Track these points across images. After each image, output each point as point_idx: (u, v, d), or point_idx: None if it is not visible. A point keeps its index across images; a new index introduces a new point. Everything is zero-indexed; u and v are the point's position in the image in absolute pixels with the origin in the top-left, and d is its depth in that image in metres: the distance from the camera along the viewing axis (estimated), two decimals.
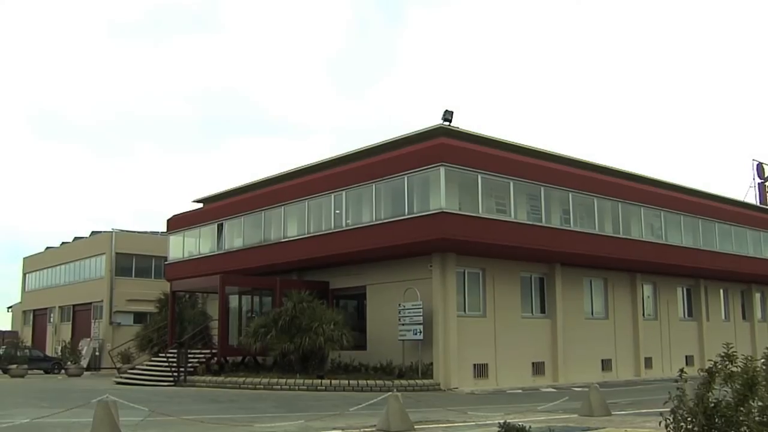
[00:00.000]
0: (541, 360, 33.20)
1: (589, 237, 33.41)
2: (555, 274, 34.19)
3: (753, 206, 48.24)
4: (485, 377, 30.55)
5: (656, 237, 37.82)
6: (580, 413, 17.59)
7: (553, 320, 33.92)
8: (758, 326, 47.81)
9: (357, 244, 30.78)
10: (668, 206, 38.44)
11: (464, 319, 30.19)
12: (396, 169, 29.76)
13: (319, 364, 29.92)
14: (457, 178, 29.00)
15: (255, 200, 37.31)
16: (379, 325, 31.66)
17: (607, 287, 37.83)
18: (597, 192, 34.14)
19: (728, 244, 42.58)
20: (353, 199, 32.05)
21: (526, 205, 31.72)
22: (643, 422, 15.58)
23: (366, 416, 16.85)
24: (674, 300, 42.37)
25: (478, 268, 31.30)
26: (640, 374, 37.92)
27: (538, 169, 31.65)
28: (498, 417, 15.02)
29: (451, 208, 28.34)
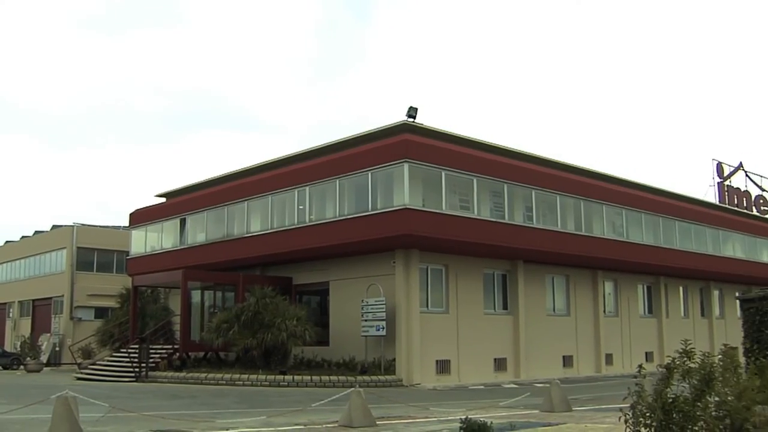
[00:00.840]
0: (503, 356, 33.37)
1: (551, 234, 33.62)
2: (517, 270, 34.38)
3: (712, 205, 48.76)
4: (447, 373, 30.66)
5: (618, 235, 38.16)
6: (542, 409, 17.70)
7: (515, 317, 34.11)
8: (716, 323, 48.42)
9: (320, 240, 30.75)
10: (630, 204, 38.80)
11: (427, 315, 30.27)
12: (360, 165, 29.76)
13: (282, 359, 29.87)
14: (420, 175, 29.04)
15: (218, 195, 37.12)
16: (342, 320, 31.67)
17: (568, 284, 38.12)
18: (560, 190, 34.37)
19: (688, 242, 43.07)
20: (317, 194, 32.00)
21: (489, 202, 31.84)
22: (603, 418, 15.70)
23: (328, 412, 16.86)
24: (635, 297, 42.79)
25: (441, 265, 31.39)
26: (600, 370, 38.26)
27: (501, 167, 31.80)
28: (460, 413, 15.06)
29: (415, 205, 28.39)
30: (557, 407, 17.42)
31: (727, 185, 51.80)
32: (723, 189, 51.24)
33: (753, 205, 54.02)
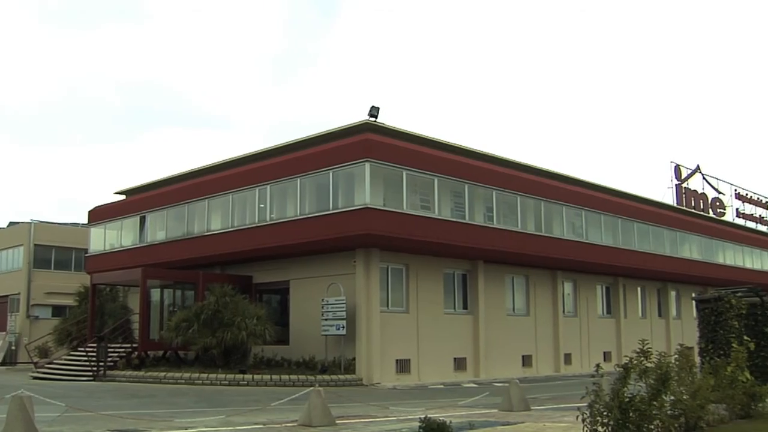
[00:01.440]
0: (462, 355, 33.50)
1: (511, 234, 33.81)
2: (478, 270, 34.53)
3: (670, 207, 49.30)
4: (407, 372, 30.71)
5: (577, 236, 38.48)
6: (501, 408, 17.78)
7: (475, 316, 34.26)
8: (673, 323, 49.06)
9: (281, 239, 30.67)
10: (589, 206, 39.14)
11: (387, 314, 30.30)
12: (321, 164, 29.73)
13: (242, 358, 29.76)
14: (382, 174, 29.07)
15: (178, 193, 36.88)
16: (303, 320, 31.61)
17: (528, 284, 38.35)
18: (520, 190, 34.57)
19: (646, 244, 43.55)
20: (278, 193, 31.92)
21: (450, 202, 31.95)
22: (561, 417, 15.83)
23: (288, 411, 16.83)
24: (593, 297, 43.16)
25: (401, 264, 31.45)
26: (559, 370, 38.56)
27: (462, 167, 31.92)
28: (419, 412, 15.09)
29: (376, 204, 28.41)
30: (516, 406, 17.52)
31: (684, 187, 52.41)
32: (681, 191, 51.84)
33: (710, 207, 54.75)
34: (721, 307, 16.91)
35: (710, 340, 16.89)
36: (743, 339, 16.63)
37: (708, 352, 16.66)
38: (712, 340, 16.83)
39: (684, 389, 12.43)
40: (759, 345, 17.51)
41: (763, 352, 17.74)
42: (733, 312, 16.98)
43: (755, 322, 18.09)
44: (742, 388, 14.38)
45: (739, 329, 17.01)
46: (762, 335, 17.92)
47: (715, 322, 16.94)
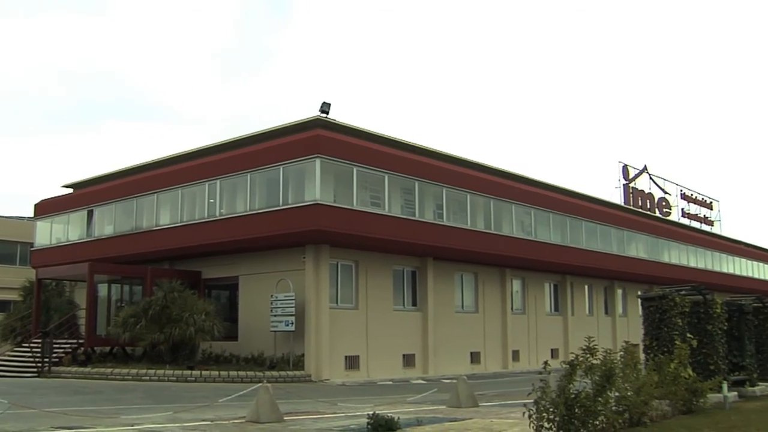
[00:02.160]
0: (411, 352, 33.61)
1: (461, 232, 33.98)
2: (427, 267, 34.67)
3: (618, 206, 49.94)
4: (356, 369, 30.74)
5: (526, 234, 38.79)
6: (449, 404, 17.86)
7: (424, 313, 34.39)
8: (619, 321, 49.68)
9: (230, 234, 30.52)
10: (538, 204, 39.47)
11: (336, 311, 30.30)
12: (272, 159, 29.62)
13: (190, 354, 29.55)
14: (332, 170, 29.06)
15: (127, 187, 36.47)
16: (252, 315, 31.49)
17: (477, 281, 38.58)
18: (470, 188, 34.76)
19: (594, 242, 44.04)
20: (228, 188, 31.76)
21: (400, 199, 32.04)
22: (508, 413, 15.94)
23: (236, 407, 16.75)
24: (542, 295, 43.56)
25: (351, 261, 31.46)
26: (507, 366, 38.85)
27: (413, 164, 32.01)
28: (368, 408, 15.15)
29: (326, 200, 28.40)
30: (464, 403, 17.61)
31: (632, 187, 53.16)
32: (628, 191, 52.55)
33: (656, 207, 55.58)
34: (665, 305, 17.17)
35: (654, 338, 17.13)
36: (686, 336, 16.93)
37: (652, 349, 16.89)
38: (657, 338, 17.07)
39: (628, 385, 12.63)
40: (701, 342, 17.85)
41: (705, 349, 18.08)
42: (677, 310, 17.26)
43: (698, 320, 18.42)
44: (684, 385, 14.65)
45: (683, 327, 17.29)
46: (704, 333, 18.25)
47: (659, 319, 17.18)
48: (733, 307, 20.63)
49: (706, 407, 15.25)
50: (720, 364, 18.31)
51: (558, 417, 10.46)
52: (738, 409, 15.97)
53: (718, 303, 19.09)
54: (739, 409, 15.81)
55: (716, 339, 18.54)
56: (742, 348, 20.47)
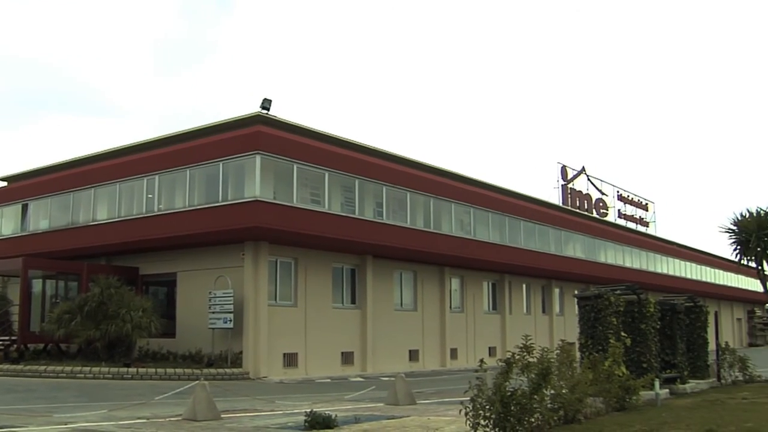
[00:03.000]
0: (350, 350, 33.65)
1: (400, 230, 34.11)
2: (366, 265, 34.74)
3: (556, 206, 50.51)
4: (295, 366, 30.68)
5: (465, 233, 39.06)
6: (387, 402, 17.89)
7: (363, 311, 34.46)
8: (556, 319, 50.31)
9: (169, 230, 30.23)
10: (478, 203, 39.77)
11: (275, 308, 30.22)
12: (212, 155, 29.43)
13: (126, 351, 29.18)
14: (272, 167, 28.97)
15: (64, 181, 35.88)
16: (190, 312, 31.24)
17: (416, 280, 38.75)
18: (410, 187, 34.91)
19: (532, 242, 44.51)
20: (167, 183, 31.46)
21: (340, 197, 32.06)
22: (445, 411, 16.02)
23: (173, 405, 16.61)
24: (480, 293, 43.88)
25: (290, 258, 31.39)
26: (445, 364, 39.08)
27: (353, 162, 32.05)
28: (306, 406, 15.12)
29: (266, 197, 28.30)
30: (402, 400, 17.66)
31: (570, 188, 53.78)
32: (566, 191, 53.15)
33: (593, 208, 56.34)
34: (600, 305, 17.43)
35: (590, 336, 17.38)
36: (620, 335, 17.20)
37: (587, 348, 17.13)
38: (592, 336, 17.32)
39: (564, 383, 12.79)
40: (635, 341, 18.17)
41: (639, 347, 18.41)
42: (612, 309, 17.52)
43: (632, 319, 18.74)
44: (618, 382, 14.88)
45: (617, 326, 17.56)
46: (638, 331, 18.58)
47: (594, 318, 17.44)
48: (666, 306, 21.03)
49: (638, 404, 15.51)
50: (653, 362, 18.65)
51: (494, 414, 10.55)
52: (669, 405, 16.26)
53: (652, 302, 19.44)
54: (670, 406, 16.10)
55: (649, 338, 18.89)
56: (674, 346, 20.88)
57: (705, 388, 21.46)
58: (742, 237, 23.25)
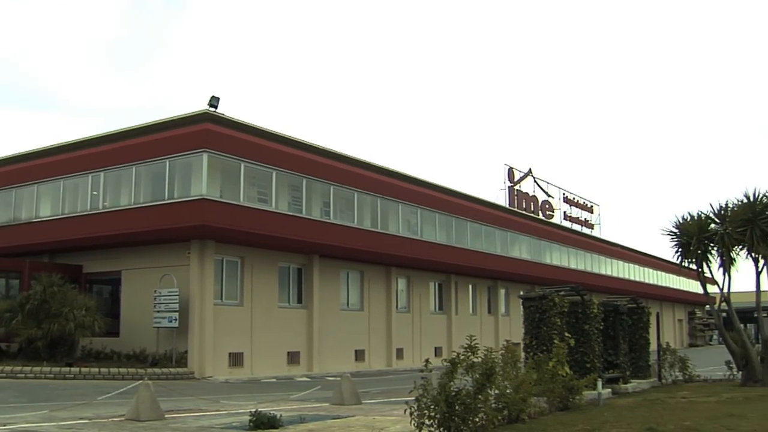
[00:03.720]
0: (296, 349, 33.58)
1: (347, 230, 34.13)
2: (313, 265, 34.68)
3: (503, 208, 50.79)
4: (240, 366, 30.53)
5: (412, 233, 39.18)
6: (332, 402, 17.91)
7: (309, 310, 34.39)
8: (502, 320, 50.67)
9: (114, 228, 29.87)
10: (425, 204, 39.92)
11: (221, 307, 30.05)
12: (158, 152, 29.17)
13: (69, 351, 28.77)
14: (220, 166, 28.81)
15: (5, 177, 35.19)
16: (134, 311, 30.90)
17: (363, 280, 38.78)
18: (358, 186, 34.94)
19: (478, 243, 44.81)
20: (112, 180, 31.09)
21: (288, 196, 31.98)
22: (391, 410, 16.07)
23: (116, 405, 16.40)
24: (426, 294, 44.04)
25: (236, 257, 31.24)
26: (391, 364, 39.16)
27: (301, 161, 31.98)
28: (251, 406, 15.06)
29: (212, 196, 28.13)
30: (347, 400, 17.68)
31: (517, 190, 54.11)
32: (513, 193, 53.48)
33: (539, 210, 56.79)
34: (545, 305, 17.62)
35: (534, 337, 17.57)
36: (564, 335, 17.42)
37: (532, 348, 17.32)
38: (536, 337, 17.51)
39: (508, 383, 12.91)
40: (579, 341, 18.42)
41: (582, 348, 18.67)
42: (556, 310, 17.73)
43: (576, 320, 19.00)
44: (561, 382, 15.06)
45: (561, 326, 17.78)
46: (582, 332, 18.84)
47: (539, 319, 17.63)
48: (609, 307, 21.35)
49: (581, 404, 15.72)
50: (596, 363, 18.93)
51: (439, 414, 10.61)
52: (611, 405, 16.51)
53: (595, 303, 19.73)
54: (612, 406, 16.35)
55: (593, 338, 19.16)
56: (616, 347, 21.21)
57: (646, 387, 21.84)
58: (684, 240, 23.63)
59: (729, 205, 23.17)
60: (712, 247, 23.30)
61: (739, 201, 22.95)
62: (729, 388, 21.23)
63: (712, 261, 23.74)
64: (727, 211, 23.06)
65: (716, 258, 23.56)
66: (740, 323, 24.33)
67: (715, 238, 22.89)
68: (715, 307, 26.16)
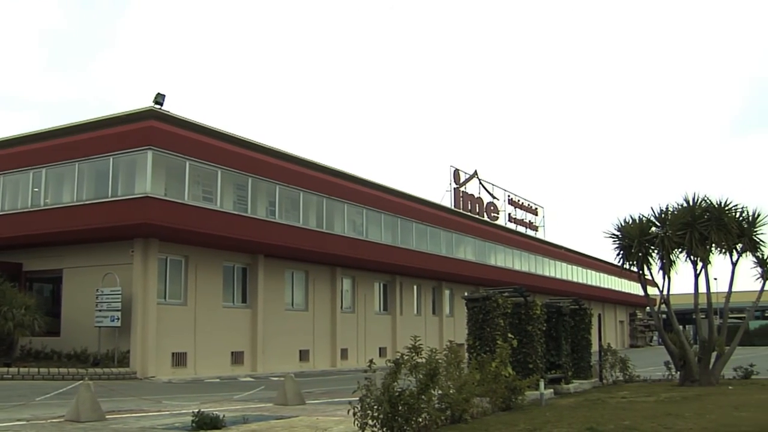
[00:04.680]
0: (240, 349, 33.42)
1: (292, 230, 34.07)
2: (258, 264, 34.55)
3: (448, 209, 51.05)
4: (184, 366, 30.31)
5: (357, 233, 39.25)
6: (276, 402, 17.83)
7: (254, 310, 34.26)
8: (446, 320, 50.94)
9: (55, 225, 29.45)
10: (370, 204, 40.01)
11: (164, 306, 29.80)
12: (102, 149, 28.84)
13: (7, 350, 28.27)
14: (164, 163, 28.59)
15: None
16: (76, 310, 30.45)
17: (308, 280, 38.73)
18: (303, 186, 34.90)
19: (423, 244, 45.01)
20: (54, 177, 30.66)
21: (233, 195, 31.85)
22: (334, 410, 16.06)
23: (55, 406, 16.14)
24: (371, 294, 44.11)
25: (181, 256, 31.01)
26: (336, 365, 39.15)
27: (247, 160, 31.85)
28: (194, 406, 14.94)
29: (157, 194, 27.91)
30: (291, 400, 17.62)
31: (462, 191, 54.39)
32: (458, 194, 53.74)
33: (485, 211, 57.17)
34: (488, 306, 17.74)
35: (478, 338, 17.67)
36: (507, 336, 17.55)
37: (475, 349, 17.42)
38: (480, 338, 17.61)
39: (452, 384, 12.97)
40: (522, 342, 18.57)
41: (525, 348, 18.83)
42: (500, 311, 17.86)
43: (519, 321, 19.16)
44: (504, 383, 15.17)
45: (504, 327, 17.92)
46: (525, 333, 19.00)
47: (482, 320, 17.74)
48: (552, 308, 21.56)
49: (524, 404, 15.85)
50: (538, 363, 19.10)
51: (382, 414, 10.62)
52: (553, 405, 16.67)
53: (538, 305, 19.91)
54: (554, 406, 16.52)
55: (536, 339, 19.33)
56: (559, 348, 21.44)
57: (588, 387, 22.09)
58: (625, 242, 23.95)
59: (669, 209, 23.55)
60: (653, 250, 23.65)
61: (679, 205, 23.37)
62: (667, 388, 21.59)
63: (652, 263, 24.11)
64: (668, 214, 23.43)
65: (656, 260, 23.92)
66: (679, 324, 24.73)
67: (656, 241, 23.24)
68: (655, 309, 26.56)
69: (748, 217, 23.05)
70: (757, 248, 23.35)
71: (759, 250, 23.43)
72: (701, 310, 23.81)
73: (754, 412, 13.94)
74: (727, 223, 22.44)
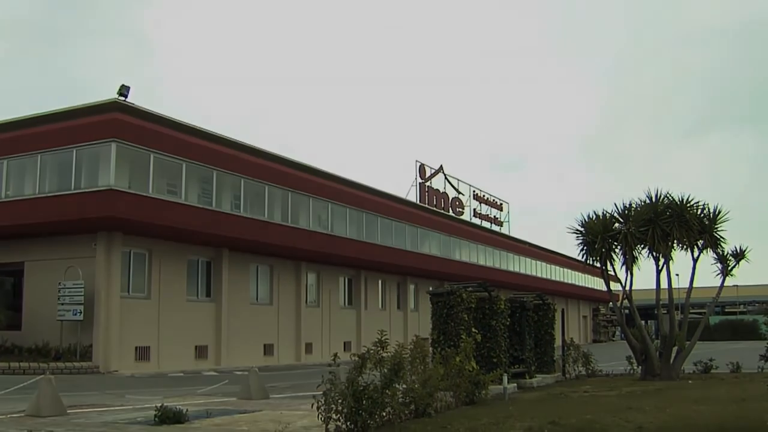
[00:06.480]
0: (204, 343, 33.33)
1: (257, 223, 34.01)
2: (222, 258, 34.45)
3: (413, 204, 51.12)
4: (147, 360, 30.16)
5: (323, 228, 39.22)
6: (239, 396, 17.78)
7: (218, 304, 34.16)
8: (411, 315, 51.07)
9: (16, 218, 29.17)
10: (336, 198, 40.02)
11: (128, 300, 29.62)
12: (65, 141, 28.59)
13: None
14: (129, 156, 28.41)
15: None
16: (38, 304, 30.14)
17: (272, 274, 38.67)
18: (268, 180, 34.83)
19: (389, 238, 45.07)
20: (15, 169, 30.34)
21: (198, 188, 31.72)
22: (299, 405, 16.01)
23: (16, 401, 15.94)
24: (336, 288, 44.17)
25: (144, 249, 30.83)
26: (300, 359, 39.16)
27: (212, 153, 31.73)
28: (157, 401, 14.87)
29: (121, 186, 27.73)
30: (255, 395, 17.58)
31: (427, 186, 54.48)
32: (424, 189, 53.82)
33: (450, 206, 57.31)
34: (452, 301, 17.78)
35: (442, 332, 17.71)
36: (472, 331, 17.60)
37: (440, 343, 17.44)
38: (444, 332, 17.65)
39: (416, 378, 13.01)
40: (485, 337, 18.63)
41: (489, 343, 18.90)
42: (464, 306, 17.91)
43: (483, 315, 19.24)
44: (468, 377, 15.22)
45: (468, 322, 17.97)
46: (488, 328, 19.07)
47: (447, 314, 17.78)
48: (516, 303, 21.69)
49: (487, 398, 15.91)
50: (502, 358, 19.18)
51: (346, 409, 10.63)
52: (516, 399, 16.77)
53: (502, 300, 20.01)
54: (517, 400, 16.61)
55: (499, 334, 19.42)
56: (522, 342, 21.55)
57: (551, 382, 22.24)
58: (589, 238, 24.10)
59: (632, 206, 23.73)
60: (616, 246, 23.82)
61: (641, 201, 23.55)
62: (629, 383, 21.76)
63: (615, 259, 24.27)
64: (631, 211, 23.61)
65: (619, 256, 24.09)
66: (641, 320, 24.96)
67: (619, 237, 23.41)
68: (618, 304, 26.76)
69: (709, 214, 23.27)
70: (717, 245, 23.59)
71: (719, 246, 23.66)
72: (663, 306, 24.03)
73: (713, 406, 14.09)
74: (688, 220, 22.66)
